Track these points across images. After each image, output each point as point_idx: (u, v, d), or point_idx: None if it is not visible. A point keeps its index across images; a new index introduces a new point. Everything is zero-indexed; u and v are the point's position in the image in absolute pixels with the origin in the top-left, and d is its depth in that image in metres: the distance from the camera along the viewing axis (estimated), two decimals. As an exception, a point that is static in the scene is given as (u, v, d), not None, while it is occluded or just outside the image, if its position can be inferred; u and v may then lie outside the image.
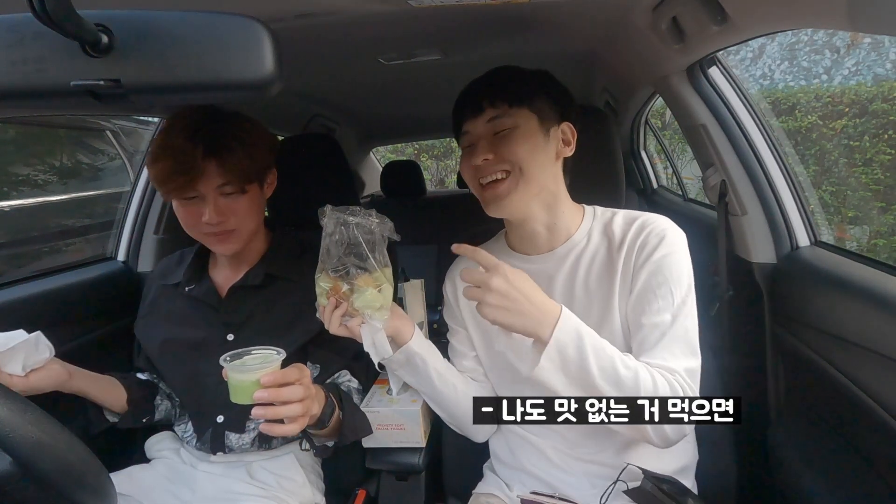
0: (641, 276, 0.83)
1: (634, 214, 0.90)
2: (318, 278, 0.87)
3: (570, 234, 0.91)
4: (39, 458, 0.50)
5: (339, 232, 0.84)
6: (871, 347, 0.83)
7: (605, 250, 0.88)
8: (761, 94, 4.83)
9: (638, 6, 1.01)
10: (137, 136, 3.59)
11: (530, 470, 0.92)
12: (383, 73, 1.44)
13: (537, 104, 0.87)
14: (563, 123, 0.90)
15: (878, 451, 0.86)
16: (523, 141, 0.85)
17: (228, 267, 1.08)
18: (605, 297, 0.86)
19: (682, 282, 0.83)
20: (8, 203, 3.05)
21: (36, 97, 0.47)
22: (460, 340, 1.01)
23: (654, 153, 2.39)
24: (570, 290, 0.89)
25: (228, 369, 0.80)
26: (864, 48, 4.93)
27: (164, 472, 1.03)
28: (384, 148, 5.50)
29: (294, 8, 0.88)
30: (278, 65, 0.45)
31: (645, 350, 0.81)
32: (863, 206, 4.32)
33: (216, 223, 0.95)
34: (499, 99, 0.87)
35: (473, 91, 0.90)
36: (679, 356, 0.80)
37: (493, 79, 0.90)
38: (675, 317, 0.81)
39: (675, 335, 0.80)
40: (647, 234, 0.85)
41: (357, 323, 0.86)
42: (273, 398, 0.78)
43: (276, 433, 0.81)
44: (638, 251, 0.84)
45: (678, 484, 0.83)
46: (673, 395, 0.76)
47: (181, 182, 0.91)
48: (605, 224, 0.91)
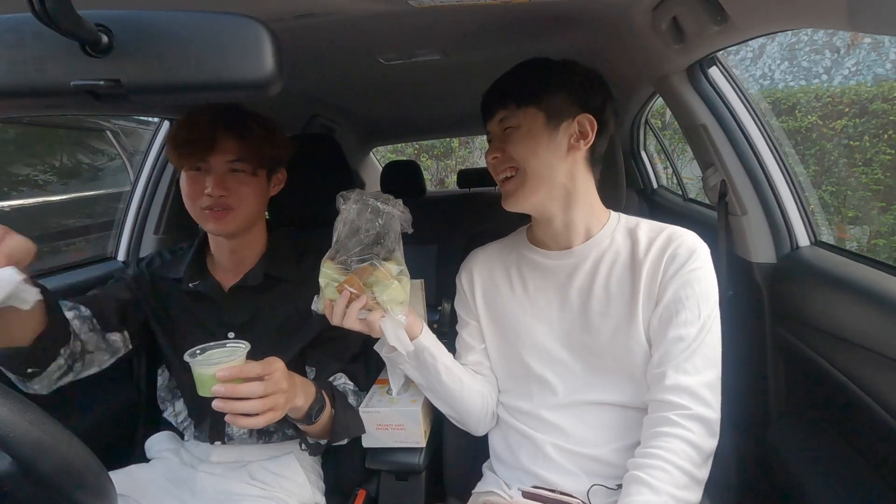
0: (670, 288, 0.84)
1: (661, 225, 0.91)
2: (325, 266, 0.85)
3: (591, 233, 0.92)
4: (39, 458, 0.50)
5: (365, 219, 0.82)
6: (871, 347, 0.83)
7: (629, 254, 0.89)
8: (761, 94, 4.84)
9: (638, 6, 1.01)
10: (137, 136, 3.59)
11: (529, 468, 0.92)
12: (383, 73, 1.44)
13: (547, 101, 0.87)
14: (582, 115, 0.88)
15: (878, 450, 0.86)
16: (525, 140, 0.86)
17: (227, 267, 1.08)
18: (626, 301, 0.87)
19: (710, 297, 0.84)
20: (8, 203, 3.05)
21: (36, 97, 0.47)
22: (471, 333, 1.00)
23: (654, 153, 2.39)
24: (588, 289, 0.90)
25: (191, 363, 0.79)
26: (864, 48, 4.94)
27: (164, 472, 1.03)
28: (384, 148, 5.50)
29: (294, 8, 0.88)
30: (278, 65, 0.45)
31: (668, 362, 0.82)
32: (863, 206, 4.32)
33: (217, 196, 0.95)
34: (508, 99, 0.88)
35: (491, 91, 0.92)
36: (701, 370, 0.81)
37: (510, 77, 0.91)
38: (699, 330, 0.82)
39: (699, 349, 0.81)
40: (676, 246, 0.86)
41: (378, 317, 0.84)
42: (229, 393, 0.77)
43: (240, 425, 0.80)
44: (667, 263, 0.85)
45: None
46: (691, 466, 0.77)
47: (195, 149, 0.94)
48: (629, 229, 0.91)
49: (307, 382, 0.94)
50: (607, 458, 0.88)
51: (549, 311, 0.93)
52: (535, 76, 0.89)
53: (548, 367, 0.92)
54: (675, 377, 0.80)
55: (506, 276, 0.98)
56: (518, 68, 0.91)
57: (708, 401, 0.80)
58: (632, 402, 0.88)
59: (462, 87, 1.62)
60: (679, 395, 0.80)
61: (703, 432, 0.79)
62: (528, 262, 0.96)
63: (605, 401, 0.89)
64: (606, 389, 0.89)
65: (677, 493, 0.75)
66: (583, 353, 0.90)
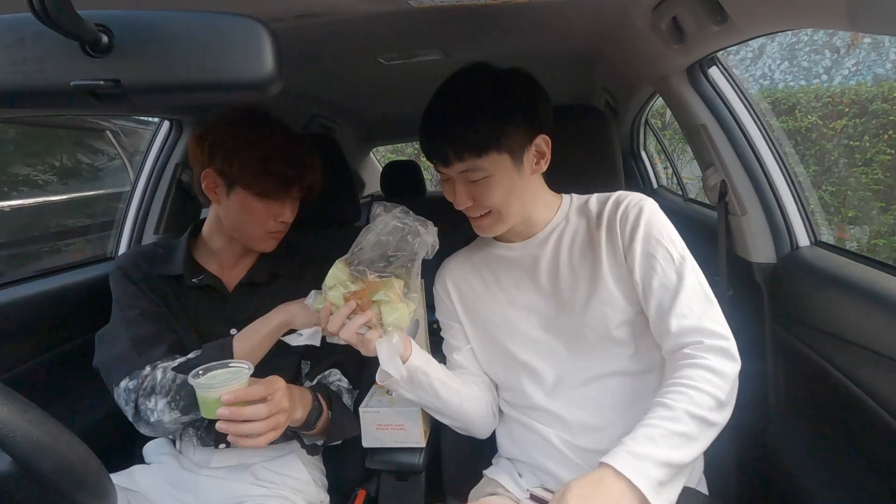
0: (636, 248, 0.85)
1: (607, 194, 0.94)
2: (338, 268, 0.82)
3: (548, 219, 0.95)
4: (39, 458, 0.50)
5: (398, 237, 0.79)
6: (870, 347, 0.83)
7: (585, 228, 0.92)
8: (761, 94, 4.84)
9: (638, 6, 1.01)
10: (137, 136, 3.59)
11: (536, 460, 0.93)
12: (383, 73, 1.44)
13: (505, 142, 0.84)
14: (537, 138, 0.87)
15: (878, 450, 0.86)
16: (496, 188, 0.86)
17: (227, 263, 1.08)
18: (591, 269, 0.89)
19: (675, 240, 0.87)
20: (8, 203, 3.05)
21: (36, 97, 0.47)
22: (454, 335, 1.02)
23: (654, 153, 2.39)
24: (555, 269, 0.93)
25: (194, 385, 0.80)
26: (864, 48, 4.94)
27: (166, 476, 1.02)
28: (384, 148, 5.51)
29: (294, 8, 0.88)
30: (278, 65, 0.45)
31: (664, 311, 0.83)
32: (863, 206, 4.32)
33: (288, 222, 1.04)
34: (465, 151, 0.83)
35: (437, 136, 0.86)
36: (696, 308, 0.82)
37: (456, 125, 0.83)
38: (680, 273, 0.83)
39: (687, 290, 0.82)
40: (624, 207, 0.89)
41: (375, 336, 0.82)
42: (234, 416, 0.79)
43: (242, 445, 0.82)
44: (621, 224, 0.88)
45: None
46: (712, 388, 0.75)
47: (288, 182, 1.00)
48: (580, 206, 0.95)
49: (304, 392, 0.95)
50: (610, 448, 0.87)
51: (523, 299, 0.95)
52: (488, 119, 0.82)
53: (533, 353, 0.93)
54: (677, 322, 0.81)
55: (478, 276, 1.00)
56: (461, 108, 0.84)
57: (718, 332, 0.80)
58: (623, 368, 0.88)
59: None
60: (688, 336, 0.80)
61: (720, 358, 0.78)
62: (495, 257, 0.99)
63: (593, 374, 0.89)
64: (592, 362, 0.90)
65: (695, 410, 0.73)
66: (562, 331, 0.92)
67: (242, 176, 0.97)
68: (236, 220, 1.01)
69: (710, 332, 0.80)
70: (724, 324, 0.82)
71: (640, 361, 0.88)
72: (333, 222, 1.40)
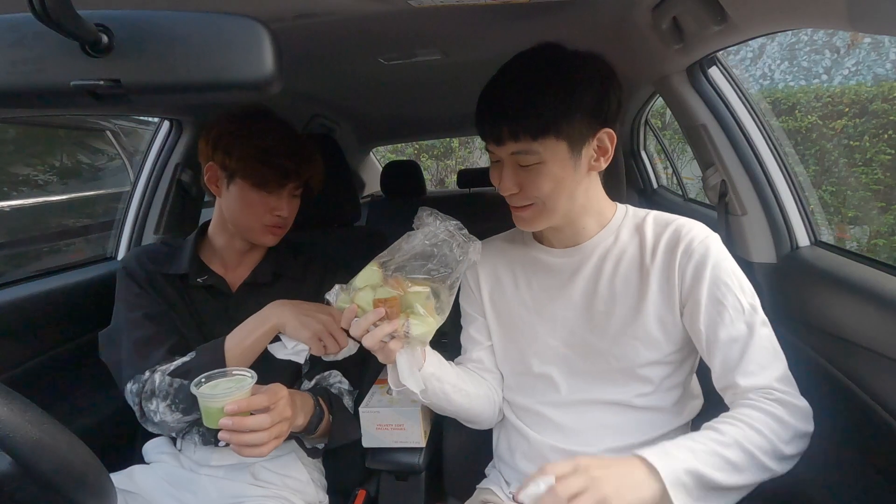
0: (702, 292, 0.79)
1: (666, 217, 0.87)
2: (371, 270, 0.78)
3: (597, 230, 0.89)
4: (39, 458, 0.50)
5: (444, 251, 0.76)
6: (870, 347, 0.83)
7: (637, 252, 0.85)
8: (761, 94, 4.84)
9: (638, 6, 1.01)
10: (137, 136, 3.59)
11: (526, 468, 0.92)
12: (383, 73, 1.44)
13: (566, 128, 0.77)
14: (602, 131, 0.81)
15: (878, 450, 0.86)
16: (550, 178, 0.79)
17: (231, 263, 1.09)
18: (634, 300, 0.84)
19: (744, 286, 0.81)
20: (8, 203, 3.05)
21: (36, 97, 0.47)
22: (478, 329, 0.98)
23: (654, 153, 2.39)
24: (592, 289, 0.87)
25: (197, 395, 0.80)
26: (864, 48, 4.94)
27: (165, 476, 1.02)
28: (384, 148, 5.51)
29: (294, 8, 0.88)
30: (278, 65, 0.45)
31: (731, 367, 0.78)
32: (863, 206, 4.32)
33: (285, 216, 1.05)
34: (521, 131, 0.77)
35: (494, 112, 0.80)
36: (766, 365, 0.77)
37: (519, 101, 0.77)
38: (750, 325, 0.78)
39: (756, 344, 0.77)
40: (688, 242, 0.81)
41: (398, 346, 0.77)
42: (237, 426, 0.78)
43: (245, 454, 0.81)
44: (682, 261, 0.81)
45: None
46: (770, 433, 0.72)
47: (287, 174, 1.01)
48: (636, 223, 0.88)
49: (305, 397, 0.95)
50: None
51: (552, 310, 0.91)
52: (546, 101, 0.76)
53: (552, 366, 0.91)
54: (745, 381, 0.76)
55: (510, 274, 0.96)
56: (524, 85, 0.78)
57: (788, 391, 0.76)
58: (633, 402, 0.86)
59: (462, 87, 1.62)
60: (755, 392, 0.76)
61: (789, 413, 0.73)
62: (532, 259, 0.94)
63: (607, 399, 0.88)
64: (609, 388, 0.87)
65: (745, 443, 0.70)
66: (586, 351, 0.88)
67: (241, 167, 0.98)
68: (235, 212, 1.02)
69: (781, 391, 0.76)
70: (793, 384, 0.78)
71: (653, 400, 0.86)
72: (334, 222, 1.41)
